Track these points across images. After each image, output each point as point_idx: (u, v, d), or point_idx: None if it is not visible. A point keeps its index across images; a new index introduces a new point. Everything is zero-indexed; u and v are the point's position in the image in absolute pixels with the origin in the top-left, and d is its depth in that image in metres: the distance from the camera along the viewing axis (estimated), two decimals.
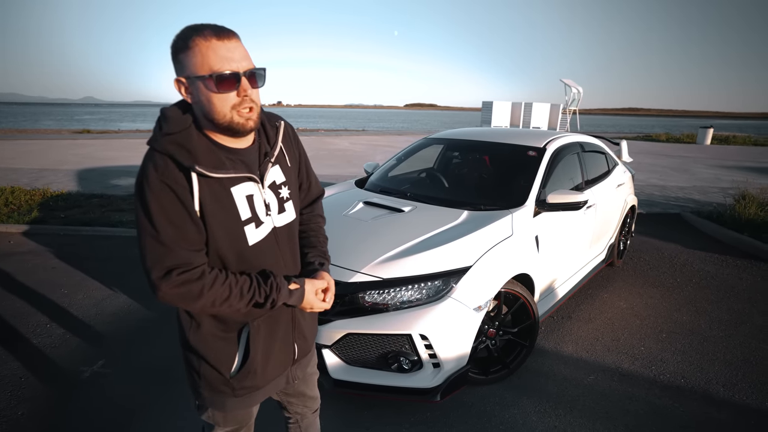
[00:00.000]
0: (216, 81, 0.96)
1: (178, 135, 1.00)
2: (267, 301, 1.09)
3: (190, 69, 0.98)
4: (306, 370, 1.42)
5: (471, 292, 2.17)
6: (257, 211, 1.11)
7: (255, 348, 1.16)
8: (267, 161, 1.14)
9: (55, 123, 37.81)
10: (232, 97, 0.98)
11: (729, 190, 8.10)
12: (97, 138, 17.93)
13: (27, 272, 3.98)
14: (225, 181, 1.04)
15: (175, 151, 0.98)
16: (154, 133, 1.02)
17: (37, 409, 2.28)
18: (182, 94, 1.02)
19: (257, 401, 1.28)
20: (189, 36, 0.97)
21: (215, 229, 1.04)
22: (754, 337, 3.09)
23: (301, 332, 1.30)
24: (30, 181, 7.93)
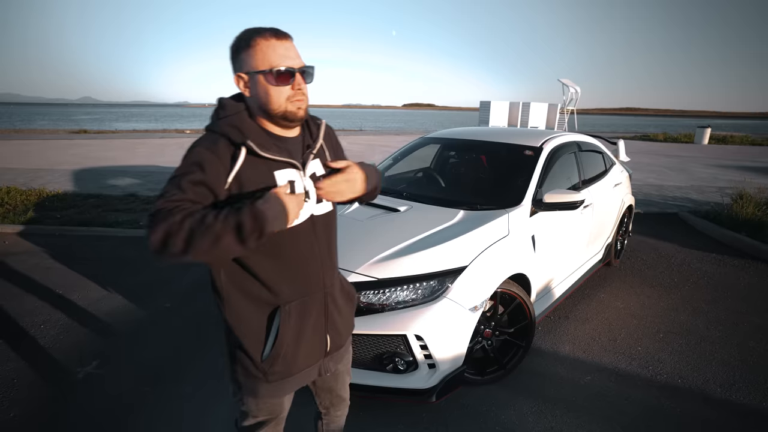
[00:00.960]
0: (275, 75, 1.09)
1: (232, 117, 1.13)
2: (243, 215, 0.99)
3: (251, 65, 1.10)
4: (338, 365, 1.44)
5: (467, 293, 2.16)
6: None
7: (285, 332, 1.20)
8: (309, 152, 1.23)
9: (52, 123, 37.72)
10: (287, 90, 1.11)
11: (726, 189, 8.11)
12: (94, 138, 17.88)
13: (22, 273, 3.96)
14: (270, 164, 1.13)
15: (228, 130, 1.10)
16: (212, 119, 1.15)
17: (30, 411, 2.26)
18: (240, 88, 1.14)
19: (288, 390, 1.31)
20: (251, 36, 1.10)
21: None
22: (752, 337, 3.08)
23: (334, 324, 1.33)
24: (26, 181, 7.89)
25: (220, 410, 2.27)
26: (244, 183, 1.09)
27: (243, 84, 1.14)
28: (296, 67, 1.12)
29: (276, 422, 1.37)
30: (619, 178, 4.23)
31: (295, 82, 1.12)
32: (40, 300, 3.45)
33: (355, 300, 1.46)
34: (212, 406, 2.31)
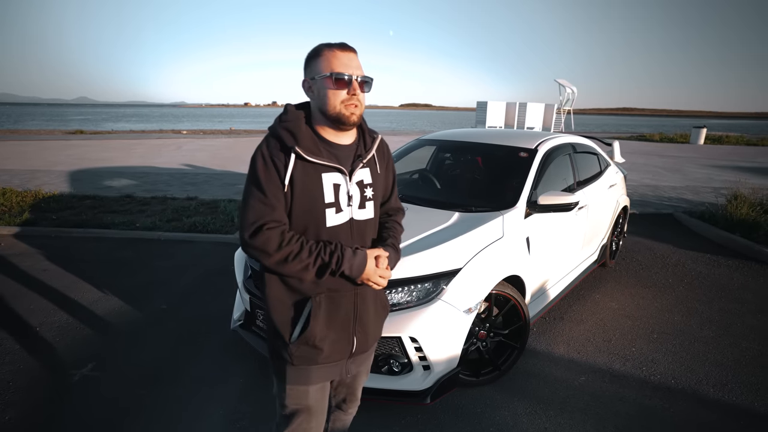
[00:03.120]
0: (334, 79, 1.22)
1: (290, 123, 1.26)
2: (332, 259, 1.24)
3: (316, 71, 1.25)
4: (360, 367, 1.50)
5: (461, 295, 2.17)
6: (340, 199, 1.28)
7: (315, 320, 1.29)
8: (359, 161, 1.33)
9: (49, 123, 37.56)
10: (343, 94, 1.23)
11: (721, 190, 8.16)
12: (91, 138, 17.83)
13: (17, 275, 3.95)
14: (318, 167, 1.25)
15: (283, 135, 1.24)
16: (275, 122, 1.29)
17: (25, 413, 2.26)
18: (306, 91, 1.29)
19: (313, 379, 1.37)
20: (321, 48, 1.25)
21: (300, 203, 1.24)
22: (745, 337, 3.11)
23: (362, 326, 1.39)
24: (22, 182, 7.87)
25: (215, 413, 2.28)
26: (297, 183, 1.22)
27: (308, 87, 1.28)
28: (354, 75, 1.24)
29: (306, 416, 1.42)
30: (613, 179, 4.25)
31: (351, 88, 1.23)
32: (36, 302, 3.44)
33: (387, 310, 1.54)
34: (208, 408, 2.32)
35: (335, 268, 1.25)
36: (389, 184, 1.49)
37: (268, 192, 1.22)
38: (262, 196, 1.22)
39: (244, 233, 1.22)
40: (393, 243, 1.43)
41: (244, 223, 1.23)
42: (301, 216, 1.26)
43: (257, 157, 1.24)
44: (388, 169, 1.47)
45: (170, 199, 6.79)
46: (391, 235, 1.45)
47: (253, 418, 2.24)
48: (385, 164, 1.44)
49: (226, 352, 2.82)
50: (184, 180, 8.61)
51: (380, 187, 1.41)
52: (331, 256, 1.24)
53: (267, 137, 1.28)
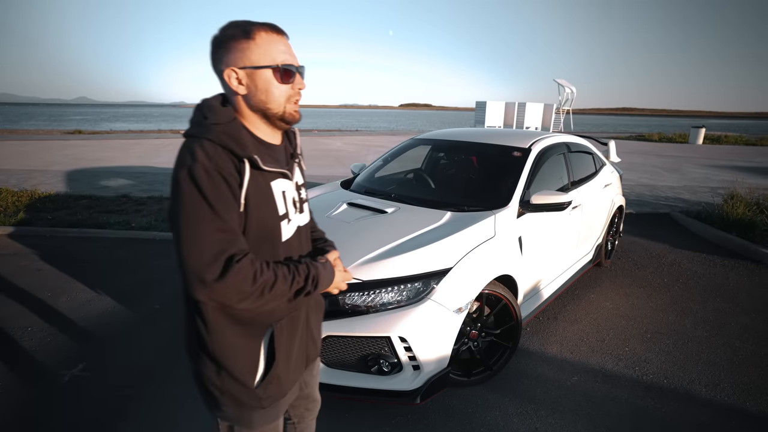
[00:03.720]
0: (282, 73, 1.03)
1: (227, 126, 1.01)
2: (308, 281, 1.09)
3: (250, 59, 1.01)
4: (312, 372, 1.43)
5: (451, 294, 2.16)
6: (289, 208, 1.13)
7: (279, 350, 1.13)
8: (293, 161, 1.19)
9: (47, 123, 37.54)
10: (288, 89, 1.06)
11: (719, 189, 8.15)
12: (89, 138, 17.80)
13: (11, 275, 3.94)
14: (268, 175, 1.07)
15: (228, 141, 0.99)
16: (197, 123, 1.02)
17: (14, 414, 2.25)
18: (232, 84, 1.03)
19: (282, 411, 1.24)
20: (249, 28, 1.01)
21: (257, 221, 1.04)
22: (738, 337, 3.10)
23: (311, 335, 1.30)
24: (18, 182, 7.85)
25: (208, 414, 2.27)
26: (250, 198, 1.02)
27: (236, 80, 1.03)
28: (297, 66, 1.06)
29: None
30: (609, 179, 4.25)
31: (296, 82, 1.07)
32: (29, 302, 3.43)
33: (323, 306, 1.39)
34: (200, 409, 2.31)
35: (312, 289, 1.11)
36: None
37: (225, 214, 0.96)
38: (219, 222, 0.95)
39: (206, 275, 0.93)
40: (327, 237, 1.38)
41: (201, 263, 0.93)
42: (254, 236, 1.05)
43: (197, 173, 0.93)
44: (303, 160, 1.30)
45: (167, 198, 6.77)
46: (317, 229, 1.38)
47: None
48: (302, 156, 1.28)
49: None
50: None
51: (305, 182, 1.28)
52: (306, 279, 1.09)
53: (200, 144, 0.97)
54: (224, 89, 1.07)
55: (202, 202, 0.94)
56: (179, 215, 0.95)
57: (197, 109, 1.06)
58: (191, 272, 0.94)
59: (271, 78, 1.03)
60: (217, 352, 1.09)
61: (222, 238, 0.95)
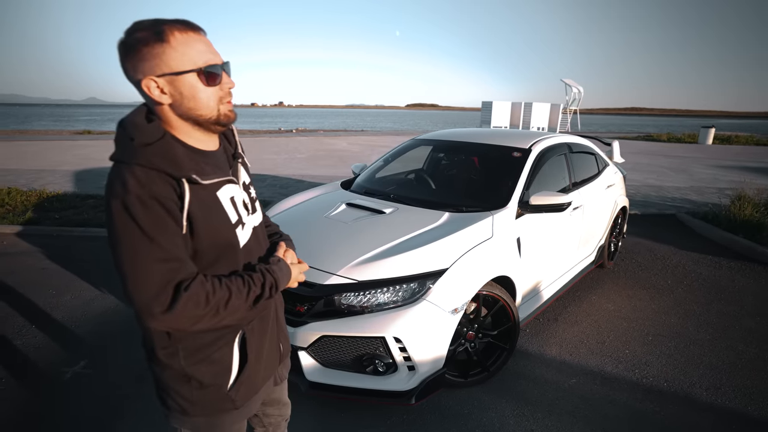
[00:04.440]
0: (206, 75, 0.95)
1: (158, 145, 0.93)
2: (265, 288, 1.06)
3: (169, 65, 0.92)
4: (286, 369, 1.43)
5: (447, 295, 2.16)
6: (241, 213, 1.09)
7: (251, 352, 1.13)
8: (236, 162, 1.13)
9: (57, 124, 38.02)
10: (218, 90, 0.98)
11: (727, 190, 8.05)
12: (97, 139, 18.00)
13: (17, 273, 3.99)
14: (212, 187, 1.01)
15: (160, 162, 0.91)
16: (124, 146, 0.93)
17: (16, 410, 2.29)
18: (153, 95, 0.94)
19: (254, 408, 1.24)
20: (161, 28, 0.91)
21: (208, 236, 0.99)
22: (742, 340, 3.06)
23: (282, 330, 1.30)
24: (28, 181, 7.96)
25: None
26: (193, 214, 0.96)
27: (157, 90, 0.94)
28: (220, 63, 0.99)
29: None
30: (612, 180, 4.21)
31: (223, 81, 0.99)
32: (33, 300, 3.48)
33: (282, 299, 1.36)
34: None
35: (271, 294, 1.08)
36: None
37: (167, 243, 0.91)
38: (160, 252, 0.90)
39: (154, 308, 0.90)
40: (280, 230, 1.36)
41: (147, 296, 0.90)
42: (211, 249, 1.01)
43: (131, 204, 0.88)
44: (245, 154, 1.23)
45: None
46: (271, 223, 1.35)
47: None
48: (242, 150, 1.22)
49: None
50: None
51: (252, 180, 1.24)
52: (263, 286, 1.06)
53: (129, 173, 0.90)
54: (146, 100, 0.98)
55: (140, 234, 0.89)
56: (118, 248, 0.90)
57: (121, 129, 0.96)
58: (139, 306, 0.92)
59: (196, 82, 0.95)
60: (185, 366, 1.05)
61: (166, 268, 0.91)
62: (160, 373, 1.10)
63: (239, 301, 1.01)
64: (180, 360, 1.05)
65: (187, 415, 1.12)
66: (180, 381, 1.08)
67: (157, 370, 1.10)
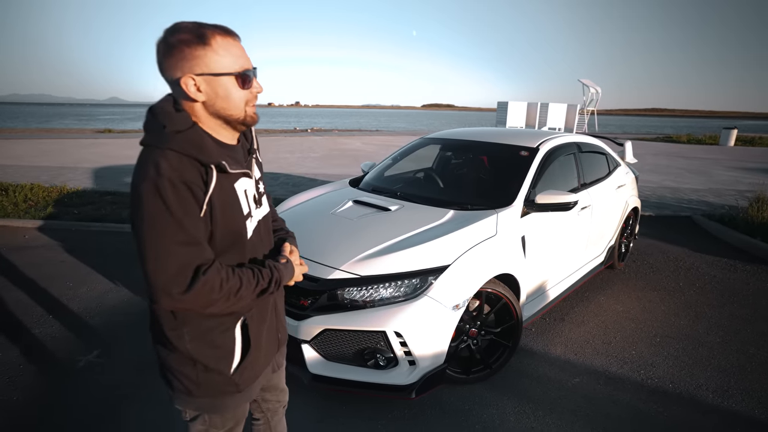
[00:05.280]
0: (242, 79, 1.03)
1: (188, 132, 1.00)
2: (271, 282, 1.13)
3: (208, 66, 0.98)
4: (282, 359, 1.48)
5: (448, 291, 2.17)
6: (251, 206, 1.15)
7: (253, 336, 1.18)
8: (251, 157, 1.20)
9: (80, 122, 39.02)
10: (248, 94, 1.05)
11: (746, 193, 7.85)
12: (118, 137, 18.43)
13: (37, 265, 4.14)
14: (232, 177, 1.08)
15: (191, 149, 0.98)
16: (155, 132, 0.99)
17: (32, 395, 2.38)
18: (189, 91, 0.99)
19: (255, 393, 1.29)
20: (204, 32, 0.98)
21: (223, 224, 1.05)
22: (753, 344, 3.00)
23: (280, 320, 1.36)
24: (50, 178, 8.21)
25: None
26: (216, 203, 1.02)
27: (194, 87, 1.00)
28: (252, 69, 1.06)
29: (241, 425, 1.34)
30: (623, 180, 4.17)
31: (253, 85, 1.07)
32: (51, 291, 3.61)
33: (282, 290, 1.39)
34: None
35: (274, 290, 1.15)
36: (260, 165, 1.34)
37: (189, 226, 0.96)
38: (184, 235, 0.96)
39: (172, 289, 0.96)
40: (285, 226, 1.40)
41: (166, 276, 0.95)
42: (224, 237, 1.07)
43: (163, 186, 0.93)
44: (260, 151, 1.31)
45: None
46: (277, 218, 1.39)
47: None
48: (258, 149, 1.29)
49: None
50: None
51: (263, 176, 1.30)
52: (270, 281, 1.13)
53: (162, 157, 0.96)
54: (178, 95, 1.03)
55: (167, 216, 0.93)
56: (143, 229, 0.94)
57: (152, 117, 1.01)
58: (157, 286, 0.96)
59: (232, 85, 1.02)
60: (190, 349, 1.11)
61: (188, 251, 0.97)
62: (167, 356, 1.15)
63: (248, 291, 1.07)
64: (185, 343, 1.10)
65: (192, 396, 1.17)
66: (186, 363, 1.13)
67: (163, 352, 1.16)
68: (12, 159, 10.73)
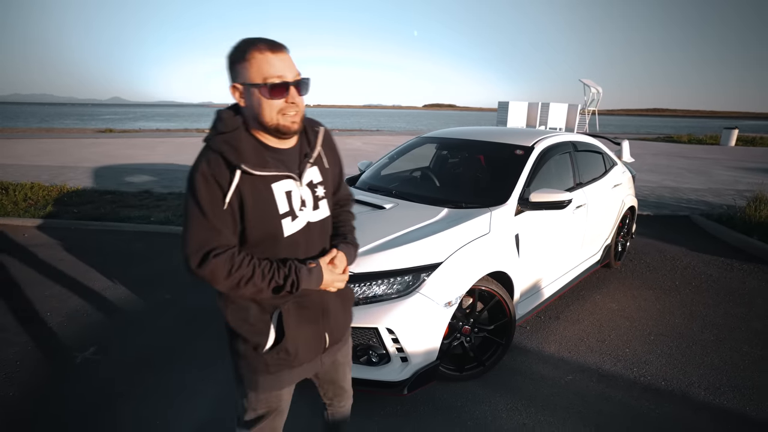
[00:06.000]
0: (269, 89, 1.12)
1: (229, 135, 1.15)
2: (287, 282, 1.19)
3: (245, 77, 1.13)
4: (337, 355, 1.50)
5: (441, 288, 2.19)
6: (294, 206, 1.23)
7: (289, 328, 1.27)
8: (306, 161, 1.27)
9: (81, 122, 39.11)
10: (280, 103, 1.13)
11: (746, 192, 7.85)
12: (118, 137, 18.48)
13: (36, 264, 4.16)
14: (267, 178, 1.17)
15: (225, 149, 1.13)
16: (210, 132, 1.17)
17: (28, 390, 2.41)
18: (236, 98, 1.17)
19: (287, 382, 1.36)
20: (246, 48, 1.12)
21: (254, 218, 1.17)
22: (747, 342, 3.01)
23: (331, 322, 1.38)
24: (50, 177, 8.24)
25: (206, 400, 2.37)
26: (246, 199, 1.15)
27: (239, 94, 1.16)
28: (290, 79, 1.14)
29: (275, 415, 1.40)
30: (619, 179, 4.17)
31: (289, 95, 1.14)
32: (50, 289, 3.63)
33: (353, 299, 1.51)
34: (199, 395, 2.41)
35: (291, 290, 1.21)
36: (337, 173, 1.43)
37: (211, 215, 1.12)
38: (204, 221, 1.12)
39: (190, 262, 1.13)
40: (351, 239, 1.42)
41: (187, 251, 1.13)
42: (256, 231, 1.19)
43: (197, 176, 1.12)
44: (335, 160, 1.40)
45: None
46: (346, 229, 1.43)
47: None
48: (332, 157, 1.38)
49: (221, 340, 2.92)
50: None
51: (330, 182, 1.35)
52: (285, 279, 1.19)
53: (205, 152, 1.15)
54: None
55: (195, 204, 1.12)
56: (184, 209, 1.16)
57: (214, 120, 1.20)
58: (183, 256, 1.15)
59: (260, 94, 1.12)
60: (231, 320, 1.27)
61: (205, 235, 1.13)
62: (228, 337, 1.34)
63: (260, 283, 1.17)
64: (227, 313, 1.27)
65: (238, 367, 1.34)
66: (233, 335, 1.31)
67: (227, 334, 1.34)
68: (13, 158, 10.78)
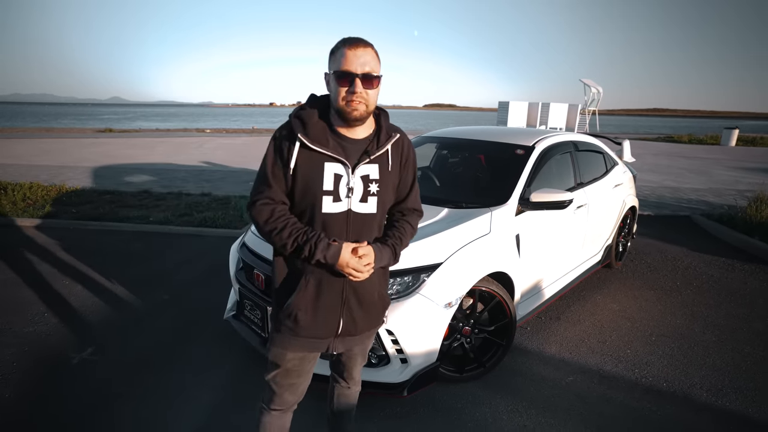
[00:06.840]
0: (336, 77, 1.30)
1: (303, 112, 1.37)
2: (305, 247, 1.33)
3: (330, 66, 1.34)
4: (353, 347, 1.59)
5: (441, 289, 2.17)
6: (339, 190, 1.35)
7: (298, 297, 1.40)
8: (366, 156, 1.38)
9: (81, 122, 39.08)
10: (344, 90, 1.29)
11: (746, 192, 7.84)
12: (118, 137, 18.47)
13: (34, 264, 4.14)
14: (322, 156, 1.34)
15: (294, 123, 1.36)
16: (296, 109, 1.41)
17: (24, 392, 2.38)
18: (325, 83, 1.38)
19: (290, 348, 1.47)
20: (339, 44, 1.33)
21: (301, 187, 1.35)
22: (749, 343, 2.99)
23: (350, 312, 1.46)
24: (49, 177, 8.23)
25: (203, 400, 2.35)
26: (299, 168, 1.34)
27: (326, 80, 1.37)
28: (358, 72, 1.28)
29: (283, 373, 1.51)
30: (620, 179, 4.16)
31: (353, 85, 1.29)
32: (47, 289, 3.61)
33: (385, 302, 1.58)
34: (196, 396, 2.39)
35: (308, 254, 1.33)
36: (407, 183, 1.52)
37: (270, 172, 1.36)
38: (264, 176, 1.37)
39: (249, 203, 1.41)
40: (392, 243, 1.45)
41: (251, 195, 1.41)
42: (300, 199, 1.37)
43: (271, 139, 1.40)
44: (404, 167, 1.49)
45: (185, 194, 6.99)
46: (394, 235, 1.47)
47: (235, 401, 2.30)
48: (400, 162, 1.46)
49: (219, 341, 2.90)
50: (201, 177, 8.84)
51: (389, 184, 1.43)
52: (305, 243, 1.33)
53: (285, 123, 1.40)
54: None
55: (263, 160, 1.39)
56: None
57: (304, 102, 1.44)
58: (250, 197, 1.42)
59: (333, 81, 1.32)
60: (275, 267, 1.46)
61: (260, 185, 1.38)
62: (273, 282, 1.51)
63: (286, 238, 1.34)
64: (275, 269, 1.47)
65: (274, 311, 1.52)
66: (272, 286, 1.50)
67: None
68: (12, 158, 10.76)
